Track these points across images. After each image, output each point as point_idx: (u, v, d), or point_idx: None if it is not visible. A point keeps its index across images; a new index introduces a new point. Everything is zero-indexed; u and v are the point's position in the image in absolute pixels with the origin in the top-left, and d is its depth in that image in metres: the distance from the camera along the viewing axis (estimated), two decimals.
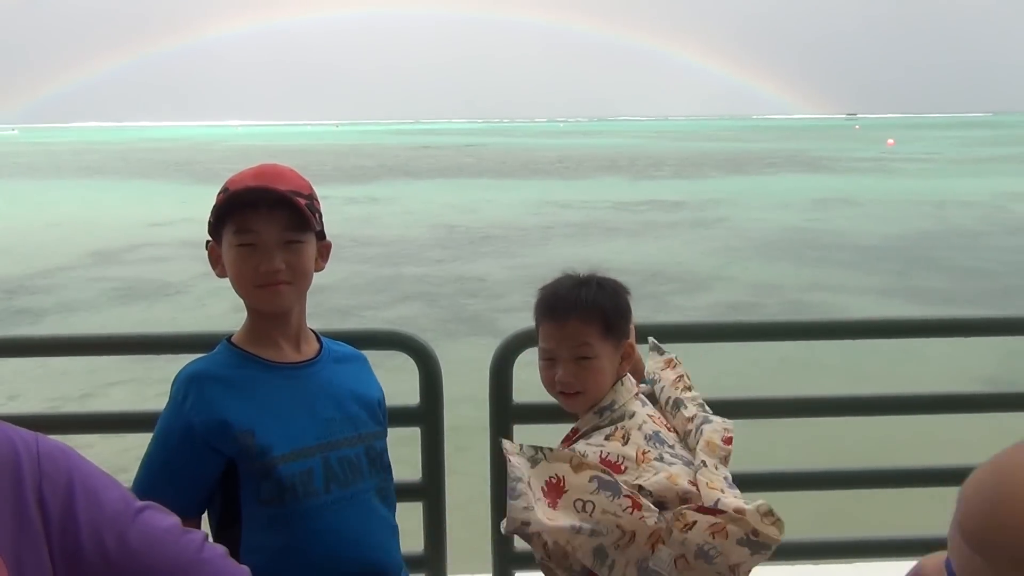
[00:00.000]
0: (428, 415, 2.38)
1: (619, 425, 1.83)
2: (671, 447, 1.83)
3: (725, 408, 2.06)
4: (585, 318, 1.89)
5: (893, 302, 13.17)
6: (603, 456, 1.75)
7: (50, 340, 2.59)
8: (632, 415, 1.85)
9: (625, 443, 1.79)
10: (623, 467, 1.75)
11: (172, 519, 1.28)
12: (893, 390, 2.88)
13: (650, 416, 1.89)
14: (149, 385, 8.44)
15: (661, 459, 1.77)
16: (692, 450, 1.83)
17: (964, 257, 17.11)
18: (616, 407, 1.87)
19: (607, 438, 1.80)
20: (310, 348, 1.91)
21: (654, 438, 1.82)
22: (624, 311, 1.97)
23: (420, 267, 16.77)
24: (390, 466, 1.97)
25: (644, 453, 1.77)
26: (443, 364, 2.42)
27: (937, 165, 45.37)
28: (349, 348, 2.03)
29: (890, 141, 75.84)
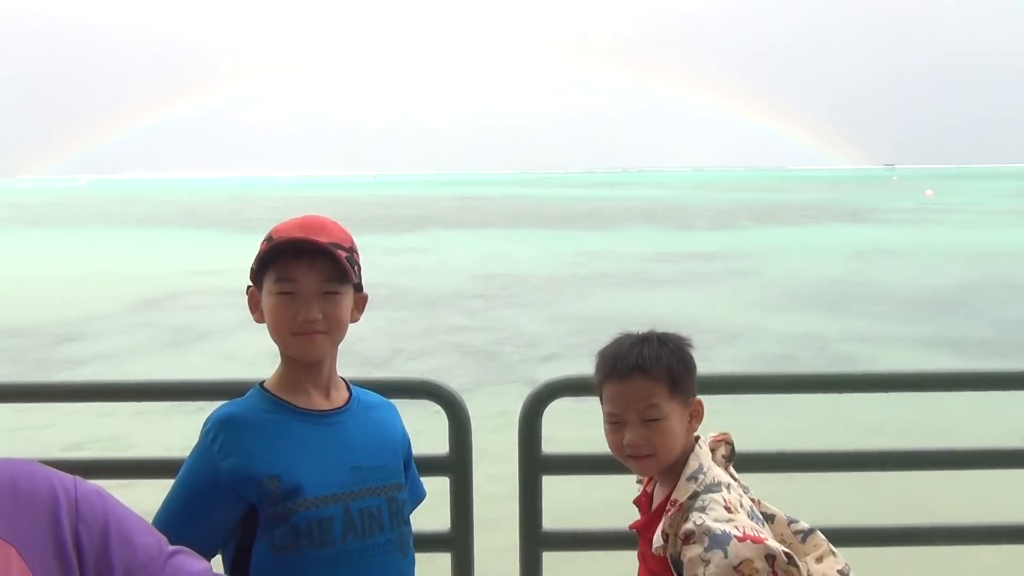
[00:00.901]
0: (457, 465, 2.38)
1: (721, 496, 1.75)
2: (762, 522, 1.80)
3: (762, 461, 2.04)
4: (650, 377, 1.83)
5: (934, 354, 12.94)
6: (745, 533, 1.67)
7: (89, 386, 2.65)
8: (728, 485, 1.80)
9: (750, 517, 1.74)
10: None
11: (202, 564, 1.30)
12: (935, 444, 2.83)
13: (734, 481, 1.85)
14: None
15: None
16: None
17: (1007, 309, 16.80)
18: (705, 472, 1.81)
19: (728, 510, 1.72)
20: (340, 396, 1.94)
21: (752, 514, 1.78)
22: (690, 366, 1.90)
23: (456, 317, 16.82)
24: (409, 520, 1.97)
25: (757, 532, 1.71)
26: (476, 415, 2.42)
27: (978, 216, 44.82)
28: (378, 397, 2.05)
29: (929, 192, 75.08)
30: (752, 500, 1.87)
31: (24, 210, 66.73)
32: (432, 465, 2.34)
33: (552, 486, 2.43)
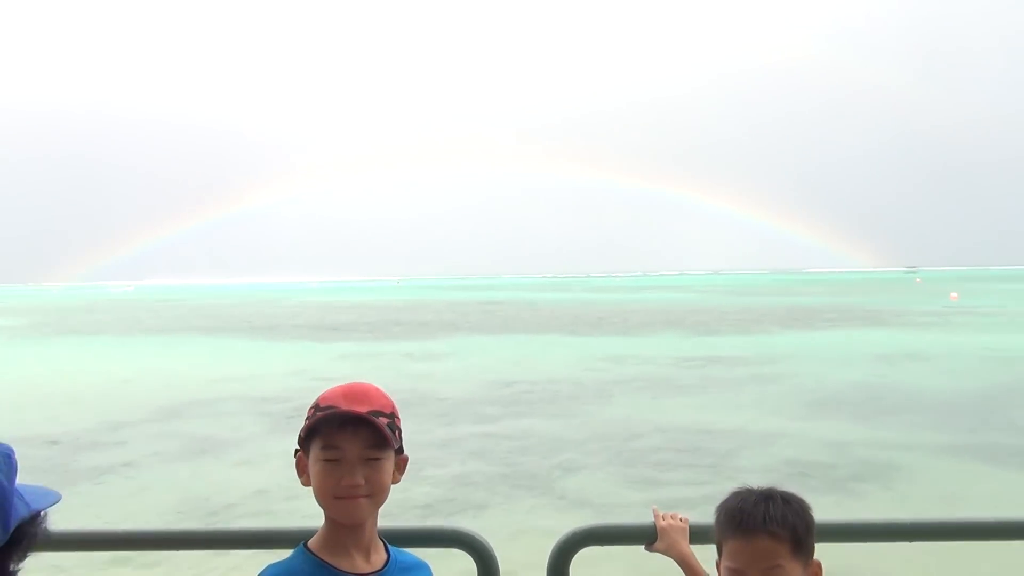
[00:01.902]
0: None
1: None
2: None
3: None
4: (776, 536, 1.86)
5: (966, 461, 12.65)
6: None
7: (124, 535, 2.64)
8: None
9: None
10: None
11: None
12: None
13: None
14: None
15: None
16: None
17: None
18: None
19: None
20: (379, 558, 2.00)
21: None
22: (812, 528, 1.94)
23: (477, 424, 16.71)
24: None
25: None
26: (505, 557, 2.41)
27: (1004, 319, 44.43)
28: (413, 558, 2.10)
29: (954, 295, 74.71)
30: None
31: (57, 316, 67.75)
32: None
33: None
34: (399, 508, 9.50)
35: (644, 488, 11.47)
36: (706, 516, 2.20)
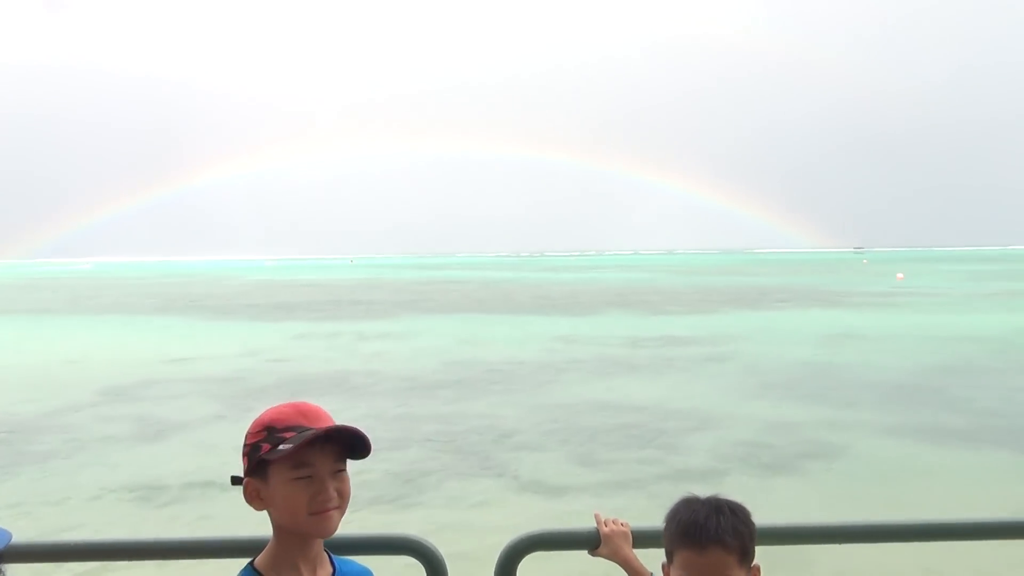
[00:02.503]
0: None
1: None
2: None
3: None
4: (727, 547, 1.98)
5: (909, 443, 13.00)
6: None
7: (70, 546, 2.61)
8: None
9: None
10: None
11: None
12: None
13: None
14: None
15: None
16: None
17: (979, 395, 16.96)
18: None
19: None
20: (325, 572, 2.03)
21: None
22: (754, 535, 2.07)
23: (430, 405, 16.72)
24: None
25: None
26: (452, 554, 2.44)
27: (949, 300, 45.55)
28: (357, 566, 2.13)
29: (900, 275, 76.44)
30: None
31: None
32: None
33: None
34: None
35: (597, 470, 11.60)
36: (648, 520, 2.25)
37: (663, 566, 2.13)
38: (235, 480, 2.00)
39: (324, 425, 1.95)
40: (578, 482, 11.02)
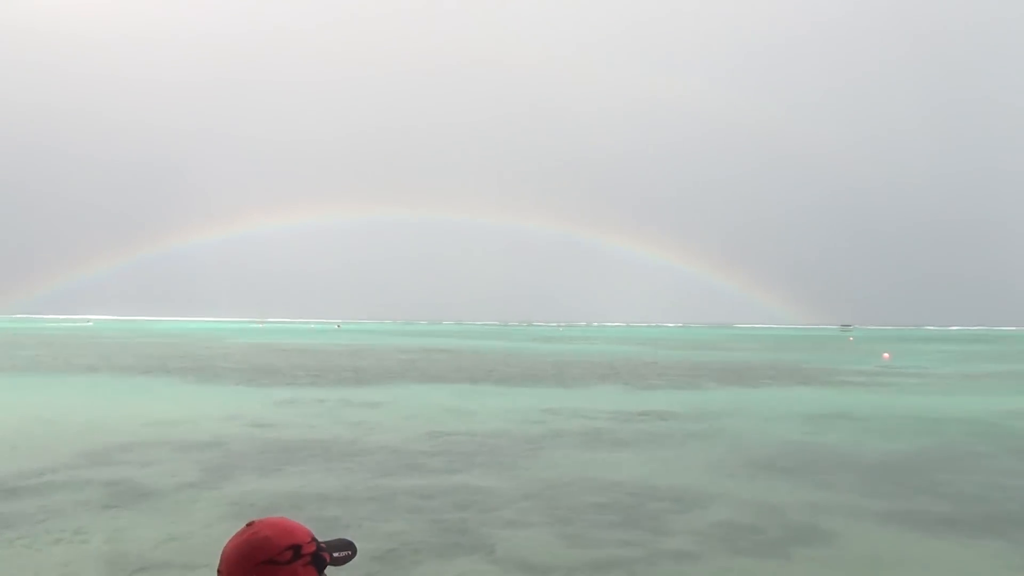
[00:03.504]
0: None
1: None
2: None
3: None
4: None
5: (893, 528, 12.87)
6: None
7: None
8: None
9: None
10: None
11: None
12: None
13: None
14: None
15: None
16: None
17: (965, 480, 16.87)
18: None
19: None
20: None
21: None
22: None
23: (412, 477, 16.51)
24: None
25: None
26: None
27: (934, 380, 45.65)
28: None
29: (886, 355, 76.73)
30: None
31: None
32: None
33: None
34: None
35: (580, 549, 11.42)
36: None
37: None
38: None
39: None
40: (561, 562, 10.83)
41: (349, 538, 2.23)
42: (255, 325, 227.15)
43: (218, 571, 2.04)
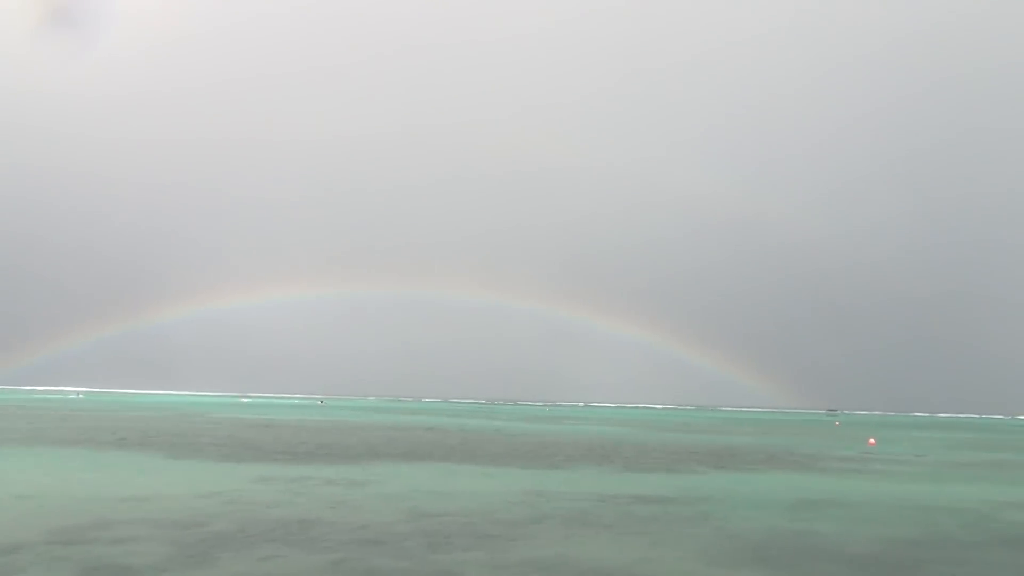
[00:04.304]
0: None
1: None
2: None
3: None
4: None
5: None
6: None
7: None
8: None
9: None
10: None
11: None
12: None
13: None
14: None
15: None
16: None
17: (954, 571, 16.65)
18: None
19: None
20: None
21: None
22: None
23: (390, 560, 16.16)
24: None
25: None
26: None
27: (921, 468, 45.41)
28: None
29: (871, 441, 76.53)
30: None
31: None
32: None
33: None
34: None
35: None
36: None
37: None
38: None
39: None
40: None
41: None
42: (240, 400, 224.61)
43: None
